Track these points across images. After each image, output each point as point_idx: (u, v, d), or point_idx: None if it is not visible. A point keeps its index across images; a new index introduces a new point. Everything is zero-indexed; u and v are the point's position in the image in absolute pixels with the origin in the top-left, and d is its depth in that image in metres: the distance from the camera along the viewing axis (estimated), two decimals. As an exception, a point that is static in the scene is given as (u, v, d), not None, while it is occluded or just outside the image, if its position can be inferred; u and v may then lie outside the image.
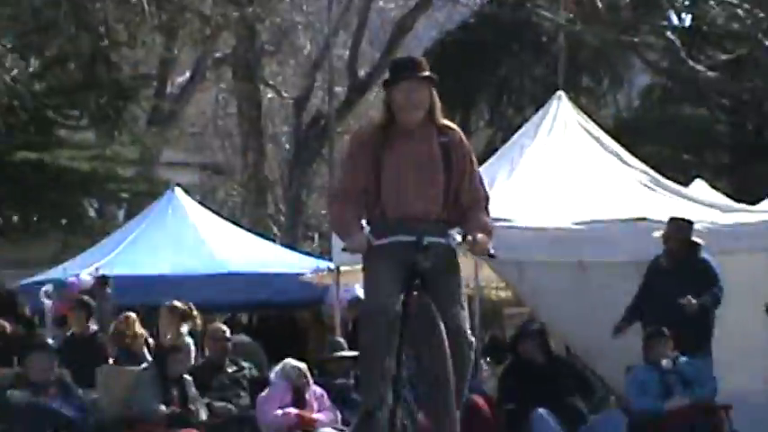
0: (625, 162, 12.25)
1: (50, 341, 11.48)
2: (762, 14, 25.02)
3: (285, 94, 33.16)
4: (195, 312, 11.88)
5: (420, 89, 4.59)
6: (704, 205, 11.78)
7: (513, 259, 9.96)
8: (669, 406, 9.22)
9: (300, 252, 21.17)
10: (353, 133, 6.72)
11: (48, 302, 13.63)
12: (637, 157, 12.82)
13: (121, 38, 24.79)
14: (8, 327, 11.91)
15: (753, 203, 13.01)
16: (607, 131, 13.59)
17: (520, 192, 11.27)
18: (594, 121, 13.68)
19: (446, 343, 4.22)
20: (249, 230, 20.72)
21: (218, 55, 29.55)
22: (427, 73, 4.67)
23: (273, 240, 24.89)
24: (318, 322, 15.96)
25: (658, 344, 9.31)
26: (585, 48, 28.21)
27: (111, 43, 24.31)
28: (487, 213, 4.77)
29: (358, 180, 4.64)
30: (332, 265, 12.98)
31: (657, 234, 9.86)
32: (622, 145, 12.87)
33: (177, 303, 11.77)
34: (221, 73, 31.96)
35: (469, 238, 4.49)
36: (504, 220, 9.62)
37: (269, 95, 33.17)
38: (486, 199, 4.81)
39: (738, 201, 13.64)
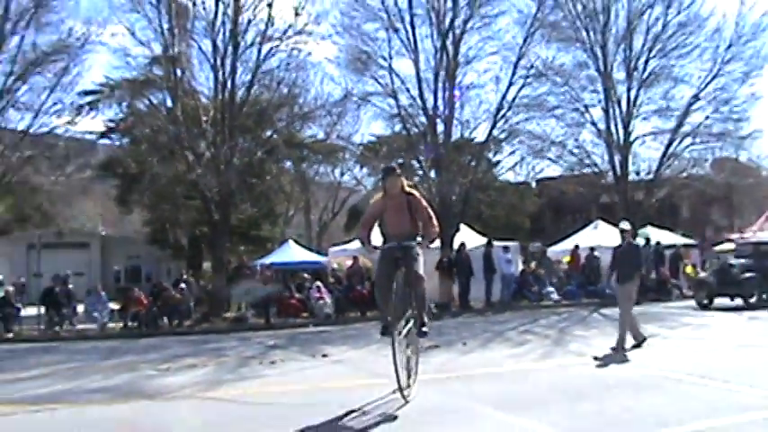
0: None
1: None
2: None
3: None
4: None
5: (395, 181, 11.44)
6: None
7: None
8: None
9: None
10: (373, 199, 12.35)
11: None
12: None
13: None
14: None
15: None
16: None
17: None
18: None
19: (411, 276, 11.05)
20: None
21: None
22: (399, 172, 11.67)
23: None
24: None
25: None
26: None
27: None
28: (434, 227, 11.45)
29: (372, 218, 11.86)
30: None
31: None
32: None
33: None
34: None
35: (422, 241, 11.34)
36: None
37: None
38: (431, 220, 11.43)
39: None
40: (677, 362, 14.28)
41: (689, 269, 37.08)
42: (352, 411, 9.70)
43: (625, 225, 17.74)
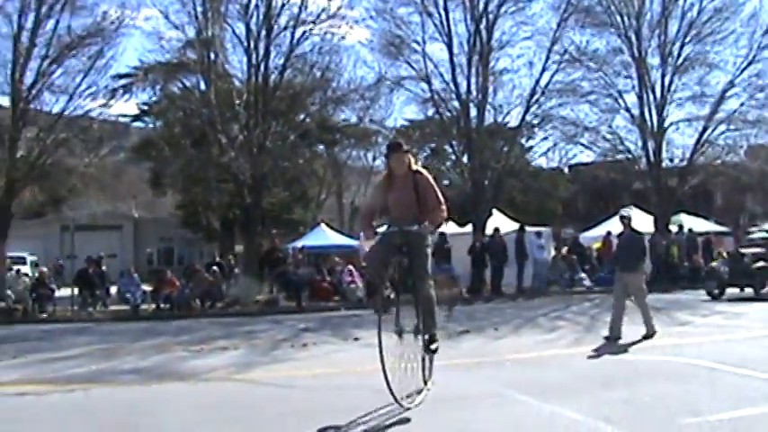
0: None
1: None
2: None
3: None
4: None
5: (401, 158, 10.10)
6: None
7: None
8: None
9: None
10: (377, 181, 11.39)
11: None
12: None
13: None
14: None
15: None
16: None
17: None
18: None
19: (416, 272, 9.76)
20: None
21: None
22: (406, 148, 10.33)
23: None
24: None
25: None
26: None
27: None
28: (442, 212, 9.93)
29: (374, 203, 10.87)
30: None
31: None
32: None
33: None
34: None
35: (423, 225, 9.71)
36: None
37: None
38: (440, 205, 9.91)
39: None
40: (710, 350, 14.12)
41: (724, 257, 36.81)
42: (383, 395, 9.73)
43: (625, 212, 17.46)
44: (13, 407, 10.68)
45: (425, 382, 10.29)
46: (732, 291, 27.33)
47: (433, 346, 9.90)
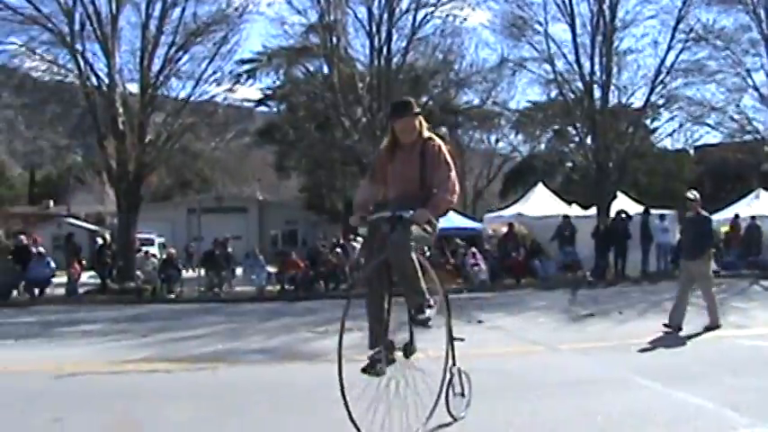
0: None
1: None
2: None
3: None
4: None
5: (410, 123, 7.68)
6: None
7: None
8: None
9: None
10: (379, 148, 8.32)
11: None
12: None
13: None
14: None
15: None
16: None
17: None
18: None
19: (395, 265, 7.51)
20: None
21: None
22: (416, 110, 7.75)
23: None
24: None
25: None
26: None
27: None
28: (450, 192, 7.47)
29: (371, 180, 8.06)
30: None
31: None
32: None
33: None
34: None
35: (418, 212, 7.23)
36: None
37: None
38: (450, 183, 7.49)
39: None
40: None
41: None
42: (513, 378, 9.67)
43: (691, 194, 16.27)
44: (142, 384, 10.95)
45: (451, 414, 8.13)
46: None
47: (421, 316, 7.80)
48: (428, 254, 8.00)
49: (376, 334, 8.02)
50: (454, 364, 8.31)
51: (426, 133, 7.73)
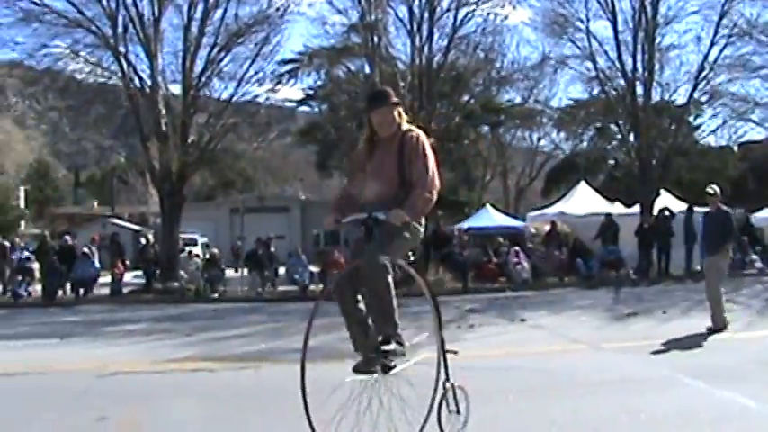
0: None
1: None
2: None
3: None
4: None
5: (388, 114, 7.08)
6: None
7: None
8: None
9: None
10: (354, 150, 8.09)
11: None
12: None
13: None
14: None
15: None
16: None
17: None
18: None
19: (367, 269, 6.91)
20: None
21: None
22: (395, 100, 7.15)
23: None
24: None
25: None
26: None
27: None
28: (427, 189, 6.82)
29: (352, 177, 7.54)
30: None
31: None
32: None
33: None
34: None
35: (394, 212, 6.66)
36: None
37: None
38: (428, 177, 6.86)
39: None
40: None
41: None
42: (554, 377, 9.66)
43: (711, 188, 15.66)
44: (186, 382, 11.05)
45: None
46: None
47: (386, 347, 7.10)
48: (412, 258, 7.73)
49: (360, 342, 7.58)
50: (447, 380, 7.44)
51: (405, 125, 7.15)
